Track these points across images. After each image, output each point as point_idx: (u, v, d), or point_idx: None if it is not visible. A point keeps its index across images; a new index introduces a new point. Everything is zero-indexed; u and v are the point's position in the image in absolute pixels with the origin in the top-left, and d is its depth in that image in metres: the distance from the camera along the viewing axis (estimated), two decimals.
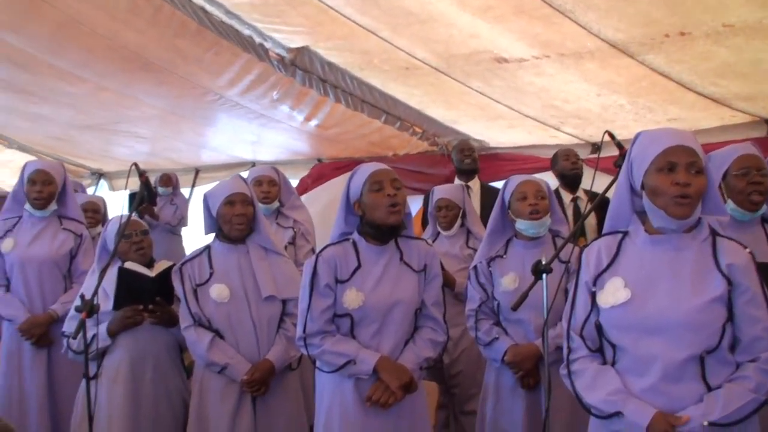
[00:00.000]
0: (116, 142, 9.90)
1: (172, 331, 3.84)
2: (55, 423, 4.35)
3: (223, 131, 8.56)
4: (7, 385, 4.41)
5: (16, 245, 4.43)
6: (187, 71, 6.68)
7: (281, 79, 6.40)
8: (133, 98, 7.78)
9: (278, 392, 3.67)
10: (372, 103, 6.67)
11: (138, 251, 3.86)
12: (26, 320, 4.34)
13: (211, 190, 3.76)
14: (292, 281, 3.65)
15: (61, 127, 9.60)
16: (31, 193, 4.44)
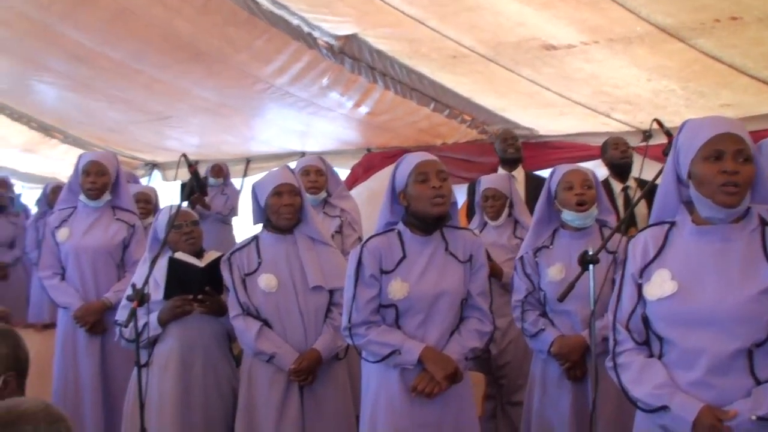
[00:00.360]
0: (168, 134, 10.04)
1: (221, 321, 3.87)
2: (109, 409, 4.43)
3: (273, 122, 8.61)
4: (62, 370, 4.50)
5: (71, 235, 4.52)
6: (238, 60, 6.74)
7: (330, 67, 6.42)
8: (185, 90, 7.87)
9: (325, 381, 3.68)
10: (421, 91, 6.65)
11: (188, 241, 3.90)
12: (80, 308, 4.42)
13: (259, 180, 3.78)
14: (340, 271, 3.64)
15: (115, 121, 9.78)
16: (85, 184, 4.51)
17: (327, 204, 4.87)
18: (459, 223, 3.35)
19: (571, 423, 3.57)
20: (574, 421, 3.57)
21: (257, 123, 8.85)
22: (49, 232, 4.57)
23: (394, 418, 3.14)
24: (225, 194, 9.12)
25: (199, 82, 7.59)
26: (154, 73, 7.54)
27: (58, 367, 4.53)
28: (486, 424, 4.73)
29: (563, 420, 3.60)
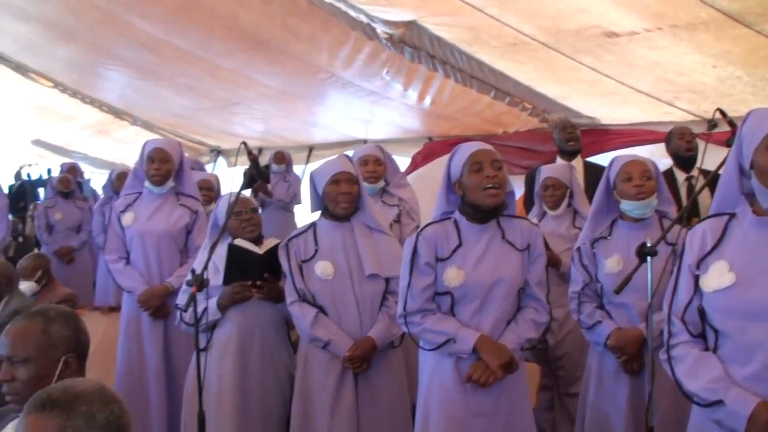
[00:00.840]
0: (232, 120, 10.19)
1: (279, 307, 3.91)
2: (171, 390, 4.50)
3: (336, 110, 8.67)
4: (127, 352, 4.59)
5: (136, 219, 4.59)
6: (300, 50, 6.80)
7: (391, 57, 6.43)
8: (249, 78, 7.97)
9: (380, 369, 3.69)
10: (481, 79, 6.61)
11: (247, 228, 3.94)
12: (144, 291, 4.50)
13: (318, 168, 3.81)
14: (396, 260, 3.63)
15: (182, 107, 9.95)
16: (150, 170, 4.58)
17: (385, 193, 4.86)
18: (516, 213, 3.32)
19: (627, 416, 3.52)
20: (630, 415, 3.52)
21: (320, 110, 8.91)
22: (115, 216, 4.66)
23: (447, 407, 3.14)
24: (287, 181, 9.21)
25: (262, 70, 7.68)
26: (219, 62, 7.65)
27: (122, 349, 4.62)
28: (542, 416, 4.71)
29: (620, 413, 3.55)
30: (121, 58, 8.51)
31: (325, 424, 3.62)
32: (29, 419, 1.79)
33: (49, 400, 1.80)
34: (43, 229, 8.04)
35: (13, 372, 2.36)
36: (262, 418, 3.91)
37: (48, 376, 2.36)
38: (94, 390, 1.88)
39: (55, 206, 8.12)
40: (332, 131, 9.79)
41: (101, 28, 7.69)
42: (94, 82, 10.46)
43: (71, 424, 1.79)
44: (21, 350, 2.37)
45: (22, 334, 2.40)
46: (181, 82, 8.79)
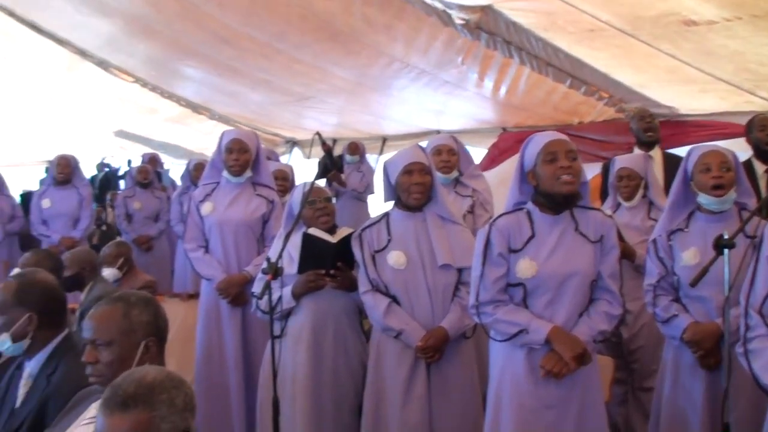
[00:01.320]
0: (306, 115, 10.30)
1: (352, 296, 3.94)
2: (249, 376, 4.57)
3: (409, 102, 8.67)
4: (206, 339, 4.68)
5: (214, 209, 4.66)
6: (375, 39, 6.81)
7: (466, 43, 6.39)
8: (323, 70, 8.02)
9: (452, 360, 3.70)
10: (557, 66, 6.52)
11: (321, 217, 3.97)
12: (223, 280, 4.57)
13: (391, 158, 3.82)
14: (469, 250, 3.62)
15: (257, 103, 10.13)
16: (228, 161, 4.64)
17: (459, 183, 4.87)
18: (589, 204, 3.29)
19: (704, 412, 3.46)
20: (707, 411, 3.45)
21: (393, 102, 8.93)
22: (194, 206, 4.74)
23: (518, 398, 3.14)
24: (361, 171, 9.27)
25: (337, 61, 7.73)
26: (295, 54, 7.72)
27: (201, 335, 4.71)
28: (615, 410, 4.65)
29: (696, 409, 3.49)
30: (199, 53, 8.66)
31: (397, 413, 3.65)
32: (114, 420, 1.86)
33: (128, 396, 1.87)
34: (123, 218, 8.24)
35: (97, 354, 2.45)
36: (334, 405, 3.95)
37: (129, 359, 2.44)
38: (164, 376, 1.94)
39: (134, 196, 8.32)
40: (405, 122, 9.80)
41: (180, 21, 7.84)
42: (172, 79, 10.70)
43: (156, 414, 1.86)
44: (103, 334, 2.46)
45: (104, 318, 2.49)
46: (257, 77, 8.91)
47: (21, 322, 3.00)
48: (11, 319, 3.01)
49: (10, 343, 3.01)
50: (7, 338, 3.00)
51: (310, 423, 3.89)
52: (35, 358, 3.03)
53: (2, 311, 3.03)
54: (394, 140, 10.57)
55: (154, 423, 1.86)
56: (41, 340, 3.03)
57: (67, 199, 7.35)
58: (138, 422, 1.84)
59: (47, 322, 3.05)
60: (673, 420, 3.59)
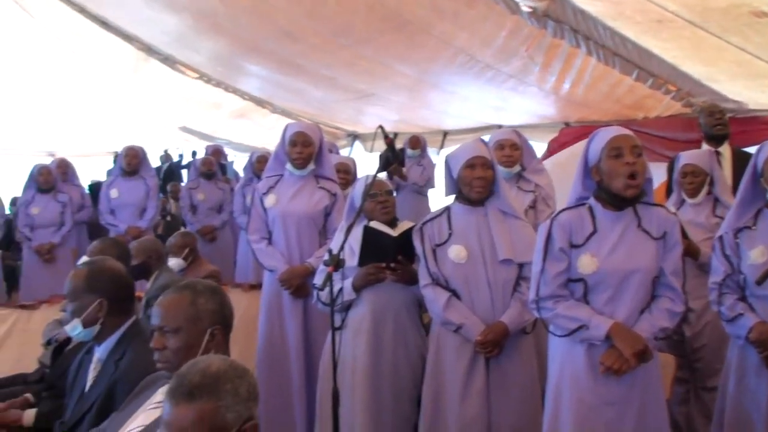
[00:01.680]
0: (367, 111, 10.37)
1: (412, 290, 3.95)
2: (309, 366, 4.61)
3: (470, 99, 8.64)
4: (268, 329, 4.72)
5: (277, 201, 4.69)
6: (441, 29, 6.78)
7: (532, 32, 6.33)
8: (387, 66, 8.02)
9: (511, 355, 3.69)
10: (624, 57, 6.42)
11: (382, 210, 3.98)
12: (286, 271, 4.60)
13: (453, 152, 3.82)
14: (530, 246, 3.60)
15: (319, 100, 10.20)
16: (292, 153, 4.67)
17: (521, 178, 4.84)
18: (653, 200, 3.25)
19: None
20: None
21: (455, 99, 8.91)
22: (258, 198, 4.78)
23: (578, 394, 3.13)
24: (421, 165, 9.29)
25: (401, 55, 7.72)
26: (359, 49, 7.74)
27: (264, 326, 4.76)
28: (676, 408, 4.59)
29: (761, 411, 3.41)
30: (263, 50, 8.74)
31: (456, 407, 3.66)
32: (180, 410, 1.90)
33: (193, 386, 1.91)
34: (187, 209, 8.39)
35: (164, 341, 2.52)
36: (393, 397, 3.97)
37: (195, 346, 2.50)
38: (228, 366, 1.99)
39: (198, 187, 8.45)
40: (466, 118, 9.77)
41: (246, 16, 7.92)
42: (236, 75, 10.83)
43: (222, 404, 1.90)
44: (171, 321, 2.52)
45: (172, 305, 2.55)
46: (320, 74, 8.96)
47: (92, 308, 3.09)
48: (82, 305, 3.10)
49: (81, 329, 3.10)
50: (78, 323, 3.09)
51: (369, 414, 3.92)
52: (104, 344, 3.12)
53: (73, 297, 3.12)
54: (455, 134, 10.56)
55: (219, 412, 1.90)
56: (110, 326, 3.12)
57: (134, 189, 7.50)
58: (203, 412, 1.89)
59: (116, 309, 3.13)
60: (737, 421, 3.52)
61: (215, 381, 1.93)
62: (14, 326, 5.91)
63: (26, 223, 7.51)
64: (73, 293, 3.13)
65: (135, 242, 5.28)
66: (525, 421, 3.69)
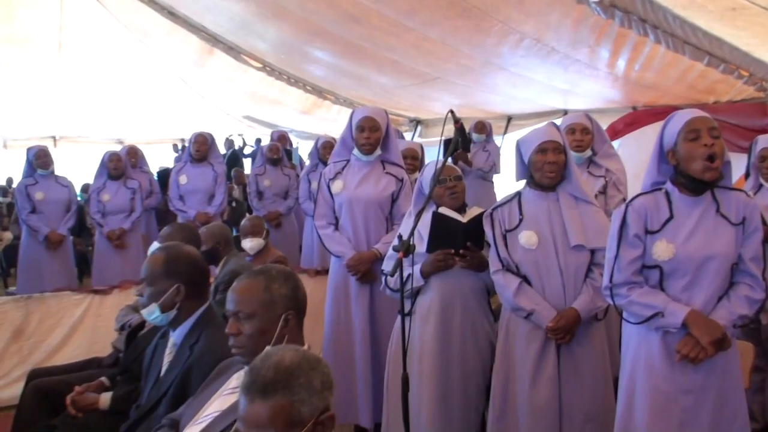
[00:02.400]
0: (431, 97, 10.30)
1: (481, 276, 3.93)
2: (375, 352, 4.63)
3: (536, 81, 8.52)
4: (335, 315, 4.74)
5: (344, 187, 4.69)
6: (507, 15, 6.70)
7: (600, 22, 6.22)
8: (452, 49, 7.96)
9: (583, 341, 3.65)
10: (695, 45, 6.26)
11: (451, 196, 3.95)
12: (353, 257, 4.60)
13: (524, 137, 3.77)
14: (602, 231, 3.58)
15: (383, 86, 10.18)
16: (360, 139, 4.65)
17: (592, 163, 4.77)
18: (732, 183, 3.16)
19: None
20: None
21: (520, 82, 8.79)
22: (324, 183, 4.78)
23: (653, 382, 3.08)
24: (487, 151, 9.21)
25: (466, 39, 7.65)
26: (424, 31, 7.69)
27: (330, 311, 4.77)
28: (753, 397, 4.49)
29: None
30: (328, 34, 8.74)
31: (526, 393, 3.63)
32: (255, 407, 1.91)
33: (267, 383, 1.92)
34: (254, 194, 8.46)
35: (239, 326, 2.53)
36: (461, 384, 3.96)
37: (270, 332, 2.51)
38: (301, 358, 1.98)
39: (264, 173, 8.51)
40: (532, 102, 9.66)
41: (311, 1, 7.92)
42: (300, 62, 10.86)
43: (297, 399, 1.91)
44: (246, 306, 2.53)
45: (246, 291, 2.56)
46: (385, 57, 8.92)
47: (169, 292, 3.13)
48: (160, 289, 3.15)
49: (159, 313, 3.14)
50: (156, 308, 3.13)
51: (437, 400, 3.92)
52: (179, 329, 3.16)
53: (151, 282, 3.16)
54: (519, 119, 10.46)
55: (294, 407, 1.91)
56: (186, 310, 3.16)
57: (202, 176, 7.61)
58: (278, 408, 1.90)
59: (192, 294, 3.17)
60: None
61: (288, 376, 1.93)
62: (87, 311, 6.06)
63: (98, 210, 7.66)
64: (150, 278, 3.17)
65: (204, 228, 5.35)
66: (596, 407, 3.65)
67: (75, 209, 7.82)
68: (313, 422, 1.92)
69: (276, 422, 1.89)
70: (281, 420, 1.89)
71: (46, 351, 5.90)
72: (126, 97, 13.38)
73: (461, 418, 3.97)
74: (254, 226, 5.65)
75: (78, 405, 3.63)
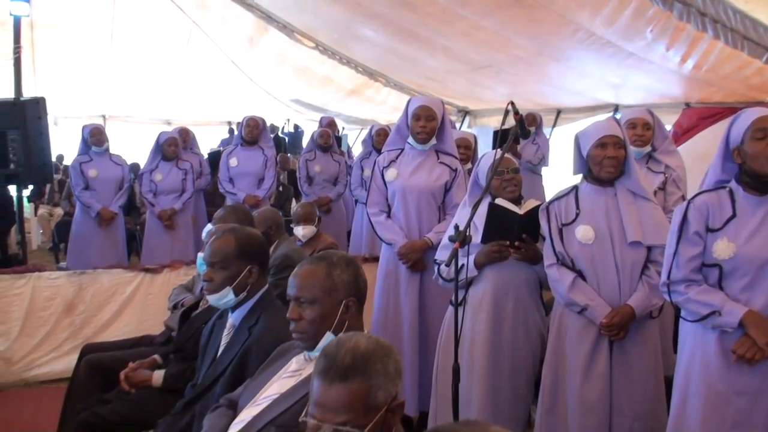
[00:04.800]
0: (481, 84, 10.22)
1: (535, 268, 3.93)
2: (423, 341, 4.65)
3: (588, 74, 8.44)
4: (384, 302, 4.76)
5: (398, 175, 4.71)
6: (562, 5, 6.64)
7: (658, 14, 6.13)
8: (504, 38, 7.91)
9: (636, 339, 3.63)
10: (755, 41, 6.14)
11: (508, 188, 3.96)
12: (405, 245, 4.62)
13: (584, 130, 3.74)
14: (660, 228, 3.56)
15: (433, 69, 10.09)
16: (416, 128, 4.66)
17: (651, 159, 4.73)
18: None
19: None
20: None
21: (572, 74, 8.73)
22: (378, 171, 4.81)
23: (708, 382, 3.06)
24: (536, 143, 9.14)
25: (519, 29, 7.61)
26: (477, 20, 7.65)
27: (379, 298, 4.80)
28: None
29: None
30: (381, 17, 8.73)
31: (577, 388, 3.63)
32: (333, 390, 1.93)
33: (347, 367, 1.94)
34: (304, 179, 8.51)
35: (301, 311, 2.55)
36: (511, 376, 3.98)
37: (330, 317, 2.53)
38: (375, 345, 2.01)
39: (314, 159, 8.54)
40: (582, 95, 9.57)
41: None
42: (351, 43, 10.85)
43: (374, 383, 1.93)
44: (308, 291, 2.55)
45: (308, 276, 2.58)
46: (437, 43, 8.90)
47: (243, 274, 3.16)
48: (234, 272, 3.18)
49: (233, 296, 3.18)
50: (230, 291, 3.16)
51: (486, 391, 3.94)
52: (238, 310, 3.20)
53: (225, 265, 3.18)
54: (569, 113, 10.36)
55: (371, 392, 1.93)
56: (250, 292, 3.19)
57: (253, 159, 7.68)
58: (357, 391, 1.92)
59: (261, 275, 3.21)
60: None
61: (366, 361, 1.95)
62: (138, 288, 6.16)
63: (150, 189, 7.77)
64: (224, 261, 3.19)
65: (255, 212, 5.38)
66: (647, 406, 3.63)
67: (127, 187, 7.93)
68: (386, 408, 1.94)
69: (354, 406, 1.91)
70: (359, 404, 1.91)
71: (96, 326, 6.01)
72: (175, 79, 13.52)
73: (510, 409, 3.99)
74: (307, 213, 5.68)
75: (131, 381, 3.70)
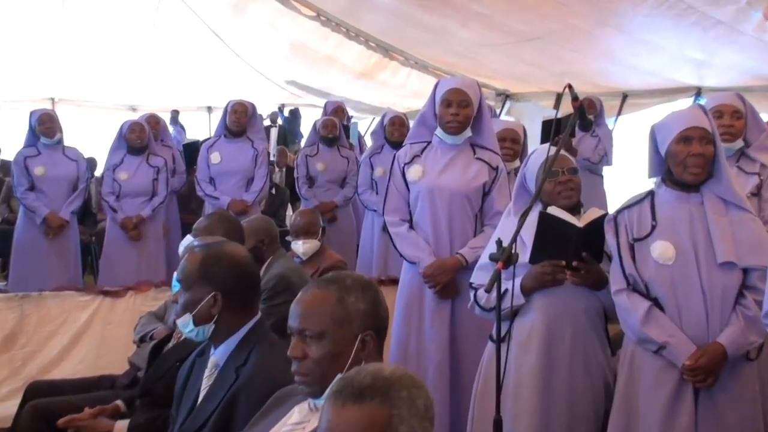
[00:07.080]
0: (526, 60, 10.17)
1: (598, 295, 3.89)
2: (455, 386, 4.61)
3: (665, 49, 8.39)
4: (404, 336, 4.72)
5: (424, 174, 4.66)
6: None
7: None
8: (557, 4, 7.87)
9: (729, 386, 3.58)
10: None
11: (564, 193, 3.91)
12: (432, 264, 4.56)
13: (662, 121, 3.71)
14: (759, 245, 3.52)
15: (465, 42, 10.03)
16: (446, 116, 4.60)
17: (743, 156, 4.67)
18: None
19: None
20: None
21: (643, 49, 8.69)
22: (398, 169, 4.75)
23: None
24: (596, 136, 9.00)
25: None
26: None
27: (398, 331, 4.75)
28: None
29: None
30: None
31: None
32: (346, 412, 1.91)
33: (364, 387, 1.92)
34: (303, 180, 8.38)
35: (305, 348, 2.49)
36: (567, 430, 3.91)
37: (343, 356, 2.48)
38: (403, 373, 2.00)
39: (317, 155, 8.42)
40: (656, 75, 9.53)
41: None
42: (360, 11, 10.78)
43: (396, 413, 1.90)
44: (314, 323, 2.49)
45: (315, 304, 2.52)
46: (471, 9, 8.86)
47: (204, 302, 3.12)
48: (195, 297, 3.14)
49: (192, 326, 3.14)
50: (190, 319, 3.13)
51: None
52: (222, 346, 3.16)
53: (187, 287, 3.16)
54: (638, 97, 10.31)
55: (393, 423, 1.91)
56: (230, 324, 3.15)
57: (239, 153, 7.57)
58: (374, 417, 1.90)
59: (236, 304, 3.16)
60: None
61: (389, 385, 1.94)
62: (95, 316, 6.13)
63: (112, 191, 7.70)
64: (186, 282, 3.18)
65: (244, 222, 5.34)
66: None
67: (83, 188, 7.82)
68: None
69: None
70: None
71: (42, 363, 5.97)
72: (142, 54, 13.44)
73: None
74: (308, 224, 5.61)
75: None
